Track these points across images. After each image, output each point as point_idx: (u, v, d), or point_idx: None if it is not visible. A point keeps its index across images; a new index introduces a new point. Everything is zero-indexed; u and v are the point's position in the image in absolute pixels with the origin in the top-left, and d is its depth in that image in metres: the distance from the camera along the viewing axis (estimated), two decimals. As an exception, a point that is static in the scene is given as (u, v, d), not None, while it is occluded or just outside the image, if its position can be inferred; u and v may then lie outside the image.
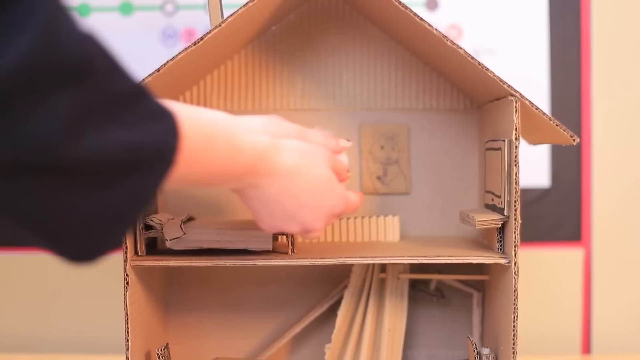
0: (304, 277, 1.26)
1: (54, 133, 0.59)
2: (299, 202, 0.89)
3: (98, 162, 0.62)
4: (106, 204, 0.65)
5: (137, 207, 0.68)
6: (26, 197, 0.61)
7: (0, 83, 0.55)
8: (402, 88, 1.24)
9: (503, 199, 1.02)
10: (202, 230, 1.04)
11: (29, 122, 0.57)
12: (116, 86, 0.64)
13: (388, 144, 1.24)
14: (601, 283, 1.45)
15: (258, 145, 0.85)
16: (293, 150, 0.89)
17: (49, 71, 0.58)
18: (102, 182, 0.64)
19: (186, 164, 0.72)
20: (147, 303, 1.11)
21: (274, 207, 0.89)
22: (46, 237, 0.66)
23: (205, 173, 0.79)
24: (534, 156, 1.41)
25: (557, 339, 1.45)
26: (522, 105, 1.00)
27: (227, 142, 0.81)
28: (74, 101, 0.60)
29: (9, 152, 0.58)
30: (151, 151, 0.67)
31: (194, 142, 0.74)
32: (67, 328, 1.47)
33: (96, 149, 0.61)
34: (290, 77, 1.24)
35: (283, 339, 1.23)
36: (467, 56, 1.00)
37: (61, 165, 0.60)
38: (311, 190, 0.90)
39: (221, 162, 0.81)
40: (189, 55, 1.01)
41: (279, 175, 0.87)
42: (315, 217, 0.92)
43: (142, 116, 0.66)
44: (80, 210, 0.64)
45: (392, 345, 1.18)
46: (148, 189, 0.68)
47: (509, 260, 1.00)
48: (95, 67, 0.62)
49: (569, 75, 1.43)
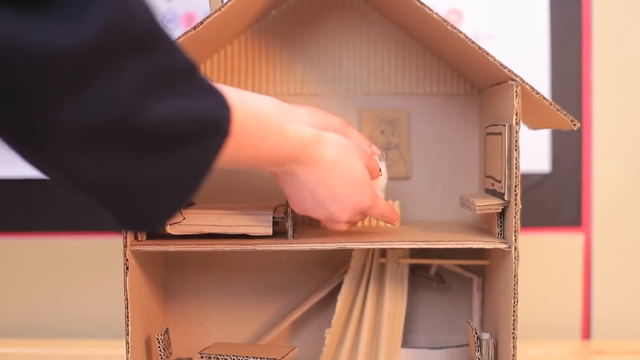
0: (304, 262, 1.26)
1: (127, 101, 0.62)
2: (331, 193, 0.95)
3: (162, 130, 0.65)
4: (169, 172, 0.69)
5: (198, 176, 0.71)
6: (98, 163, 0.64)
7: (79, 52, 0.58)
8: (402, 73, 1.24)
9: (503, 184, 1.01)
10: (202, 215, 1.04)
11: (104, 90, 0.60)
12: (175, 59, 0.67)
13: (388, 128, 1.24)
14: (601, 268, 1.45)
15: (303, 135, 0.90)
16: (333, 143, 0.94)
17: (122, 40, 0.61)
18: (165, 150, 0.67)
19: (237, 142, 0.77)
20: (147, 288, 1.11)
21: (306, 194, 0.95)
22: (112, 205, 0.69)
23: (253, 155, 0.84)
24: (534, 141, 1.41)
25: (557, 324, 1.45)
26: (522, 89, 0.99)
27: (277, 128, 0.86)
28: (142, 70, 0.63)
29: (85, 119, 0.60)
30: (208, 122, 0.70)
31: (246, 123, 0.79)
32: (67, 313, 1.47)
33: (160, 117, 0.65)
34: (290, 62, 1.24)
35: (283, 323, 1.23)
36: (467, 40, 0.99)
37: (132, 132, 0.63)
38: (344, 184, 0.95)
39: (269, 146, 0.86)
40: (188, 39, 1.00)
41: (317, 166, 0.92)
42: (343, 209, 0.97)
43: (197, 90, 0.70)
44: (147, 177, 0.68)
45: (392, 330, 1.18)
46: (207, 159, 0.71)
47: (509, 245, 1.00)
48: (159, 38, 0.65)
49: (569, 60, 1.42)
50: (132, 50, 0.62)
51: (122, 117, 0.62)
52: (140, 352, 1.07)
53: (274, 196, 1.15)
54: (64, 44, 0.57)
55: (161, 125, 0.65)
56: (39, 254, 1.47)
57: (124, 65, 0.61)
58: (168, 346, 1.08)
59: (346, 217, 0.98)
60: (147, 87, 0.63)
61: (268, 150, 0.86)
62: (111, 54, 0.60)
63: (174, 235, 1.04)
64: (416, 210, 1.23)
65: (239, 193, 1.22)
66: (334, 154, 0.94)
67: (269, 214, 1.04)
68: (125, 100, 0.62)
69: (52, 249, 1.46)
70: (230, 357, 1.05)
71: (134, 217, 0.72)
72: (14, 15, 0.56)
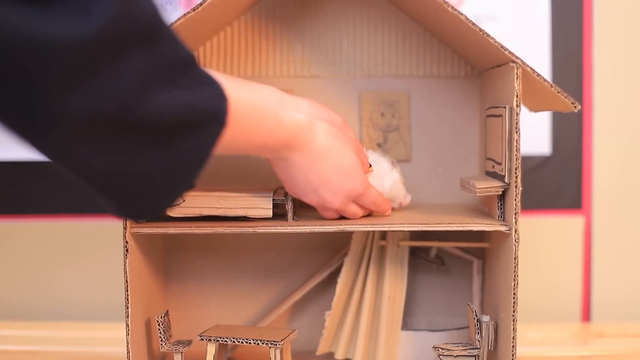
0: (304, 244, 1.26)
1: (130, 92, 0.64)
2: (323, 179, 0.97)
3: (163, 121, 0.67)
4: (169, 161, 0.71)
5: (196, 165, 0.74)
6: (100, 152, 0.66)
7: (85, 45, 0.59)
8: (403, 55, 1.24)
9: (504, 166, 1.01)
10: (202, 197, 1.04)
11: (109, 81, 0.62)
12: (176, 51, 0.70)
13: (388, 111, 1.24)
14: (601, 251, 1.45)
15: (297, 122, 0.92)
16: (326, 131, 0.96)
17: (127, 33, 0.63)
18: (165, 140, 0.69)
19: (234, 131, 0.79)
20: (147, 270, 1.11)
21: (299, 179, 0.97)
22: (113, 193, 0.71)
23: (249, 142, 0.86)
24: (534, 123, 1.40)
25: (557, 307, 1.45)
26: (523, 72, 0.99)
27: (272, 116, 0.89)
28: (145, 62, 0.65)
29: (90, 109, 0.62)
30: (207, 112, 0.73)
31: (242, 112, 0.81)
32: (67, 296, 1.47)
33: (161, 108, 0.67)
34: (290, 44, 1.24)
35: (283, 306, 1.23)
36: (468, 22, 0.99)
37: (134, 122, 0.65)
38: (336, 170, 0.98)
39: (265, 133, 0.88)
40: (188, 21, 1.00)
41: (310, 152, 0.95)
42: (334, 195, 0.99)
43: (195, 81, 0.72)
44: (147, 167, 0.70)
45: (392, 312, 1.18)
46: (205, 148, 0.74)
47: (510, 228, 1.00)
48: (162, 31, 0.67)
49: (570, 42, 1.42)
50: (137, 42, 0.64)
51: (125, 108, 0.64)
52: (140, 335, 1.07)
53: (273, 179, 1.14)
54: (71, 37, 0.59)
55: (162, 116, 0.67)
56: (39, 236, 1.47)
57: (128, 57, 0.63)
58: (168, 328, 1.08)
59: (337, 203, 1.00)
60: (149, 78, 0.65)
61: (264, 138, 0.89)
62: (116, 46, 0.62)
63: (174, 217, 1.04)
64: (416, 193, 1.23)
65: (239, 176, 1.22)
66: (327, 141, 0.96)
67: (269, 196, 1.04)
68: (129, 92, 0.64)
69: (51, 232, 1.46)
70: (230, 339, 1.05)
71: (134, 206, 0.74)
72: (23, 8, 0.57)
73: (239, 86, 0.84)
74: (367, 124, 1.23)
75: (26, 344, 1.31)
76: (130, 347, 1.03)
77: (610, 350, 1.27)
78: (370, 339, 1.18)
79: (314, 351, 1.20)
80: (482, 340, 1.04)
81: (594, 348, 1.30)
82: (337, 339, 1.19)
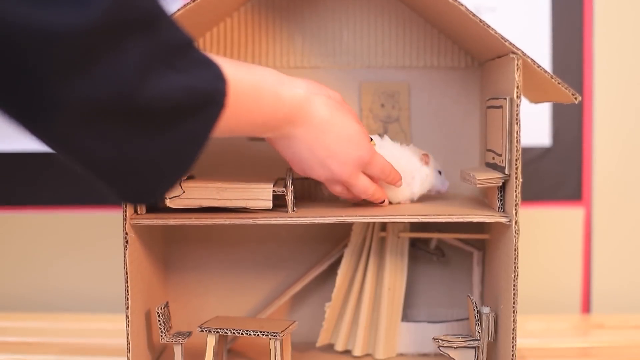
0: (304, 235, 1.26)
1: (130, 78, 0.64)
2: (329, 151, 0.97)
3: (162, 105, 0.68)
4: (168, 145, 0.71)
5: (195, 148, 0.75)
6: (101, 138, 0.66)
7: (85, 32, 0.60)
8: (403, 46, 1.23)
9: (504, 158, 1.01)
10: (201, 188, 1.04)
11: (108, 68, 0.63)
12: (174, 36, 0.70)
13: (388, 102, 1.23)
14: (601, 242, 1.45)
15: (297, 96, 0.93)
16: (326, 103, 0.97)
17: (125, 20, 0.63)
18: (163, 124, 0.69)
19: (234, 111, 0.80)
20: (147, 262, 1.11)
21: (305, 154, 0.97)
22: (114, 179, 0.72)
23: (250, 121, 0.87)
24: (535, 114, 1.40)
25: (557, 298, 1.45)
26: (523, 63, 0.99)
27: (272, 94, 0.89)
28: (144, 49, 0.65)
29: (90, 96, 0.63)
30: (205, 95, 0.73)
31: (241, 91, 0.82)
32: (67, 288, 1.47)
33: (160, 92, 0.67)
34: (290, 35, 1.23)
35: (283, 297, 1.23)
36: (468, 13, 0.99)
37: (134, 108, 0.66)
38: (340, 140, 0.97)
39: (265, 112, 0.89)
40: (188, 12, 1.00)
41: (312, 126, 0.95)
42: (342, 164, 0.99)
43: (193, 64, 0.72)
44: (147, 151, 0.70)
45: (392, 303, 1.18)
46: (204, 131, 0.74)
47: (510, 219, 1.00)
48: (160, 16, 0.68)
49: (570, 33, 1.42)
50: (135, 29, 0.65)
51: (125, 94, 0.64)
52: (140, 326, 1.07)
53: (274, 169, 1.14)
54: (71, 24, 0.59)
55: (161, 100, 0.67)
56: (39, 227, 1.47)
57: (127, 43, 0.64)
58: (168, 320, 1.08)
59: (346, 174, 1.00)
60: (148, 64, 0.66)
61: (264, 116, 0.89)
62: (116, 33, 0.63)
63: (174, 209, 1.04)
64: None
65: (239, 166, 1.22)
66: (328, 112, 0.96)
67: (269, 187, 1.04)
68: (128, 78, 0.64)
69: (52, 223, 1.46)
70: (230, 330, 1.05)
71: (134, 190, 0.75)
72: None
73: (238, 67, 0.84)
74: (367, 115, 1.23)
75: (25, 336, 1.31)
76: (130, 338, 1.03)
77: (610, 342, 1.27)
78: (370, 331, 1.18)
79: (314, 342, 1.20)
80: (482, 331, 1.04)
81: (594, 339, 1.30)
82: (337, 331, 1.19)
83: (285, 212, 1.04)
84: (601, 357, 1.19)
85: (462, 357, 1.05)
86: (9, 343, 1.28)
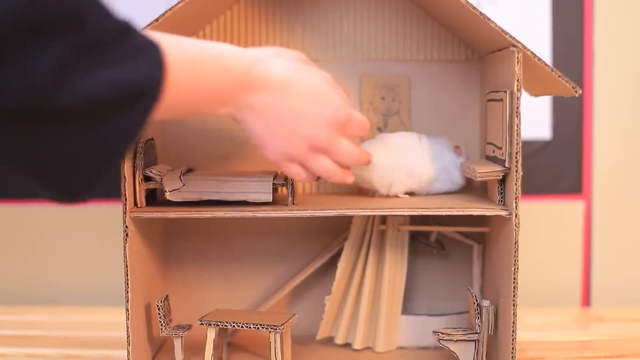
0: (304, 228, 1.26)
1: (47, 79, 0.60)
2: (296, 112, 0.89)
3: (87, 105, 0.64)
4: (96, 143, 0.67)
5: (125, 143, 0.70)
6: (20, 141, 0.63)
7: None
8: (403, 39, 1.23)
9: (504, 151, 1.01)
10: (201, 181, 1.04)
11: (23, 69, 0.59)
12: (103, 28, 0.66)
13: (389, 94, 1.23)
14: (601, 235, 1.45)
15: (245, 59, 0.86)
16: (282, 63, 0.90)
17: (41, 18, 0.59)
18: (91, 123, 0.65)
19: (175, 92, 0.74)
20: (146, 255, 1.11)
21: (273, 123, 0.89)
22: (40, 179, 0.68)
23: (196, 98, 0.80)
24: (535, 107, 1.40)
25: (557, 291, 1.45)
26: (524, 56, 0.99)
27: (216, 63, 0.82)
28: (65, 47, 0.61)
29: (4, 99, 0.59)
30: (137, 87, 0.68)
31: (181, 68, 0.76)
32: (67, 281, 1.47)
33: (85, 92, 0.63)
34: (290, 27, 1.23)
35: (283, 290, 1.23)
36: (468, 6, 0.99)
37: (53, 110, 0.62)
38: (305, 99, 0.90)
39: (210, 83, 0.82)
40: (188, 5, 1.00)
41: (270, 87, 0.87)
42: (317, 126, 0.91)
43: (127, 54, 0.67)
44: (72, 151, 0.66)
45: (392, 296, 1.18)
46: (135, 125, 0.70)
47: (510, 212, 1.00)
48: (85, 11, 0.63)
49: (571, 26, 1.41)
50: (54, 27, 0.61)
51: (41, 97, 0.61)
52: (140, 319, 1.07)
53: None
54: None
55: (87, 100, 0.64)
56: (39, 221, 1.46)
57: (44, 43, 0.60)
58: (168, 313, 1.08)
59: (324, 136, 0.92)
60: (70, 64, 0.62)
61: (210, 87, 0.82)
62: (29, 32, 0.59)
63: (174, 202, 1.04)
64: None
65: (239, 159, 1.22)
66: (285, 72, 0.89)
67: (268, 180, 1.04)
68: (45, 80, 0.60)
69: (52, 216, 1.46)
70: (230, 323, 1.05)
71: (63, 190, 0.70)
72: None
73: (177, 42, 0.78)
74: (368, 108, 1.23)
75: (26, 329, 1.31)
76: (130, 331, 1.03)
77: (610, 335, 1.27)
78: (370, 324, 1.18)
79: (314, 336, 1.20)
80: (482, 324, 1.04)
81: (594, 333, 1.30)
82: (337, 324, 1.19)
83: (285, 205, 1.04)
84: (601, 350, 1.19)
85: (462, 350, 1.05)
86: (10, 336, 1.28)
